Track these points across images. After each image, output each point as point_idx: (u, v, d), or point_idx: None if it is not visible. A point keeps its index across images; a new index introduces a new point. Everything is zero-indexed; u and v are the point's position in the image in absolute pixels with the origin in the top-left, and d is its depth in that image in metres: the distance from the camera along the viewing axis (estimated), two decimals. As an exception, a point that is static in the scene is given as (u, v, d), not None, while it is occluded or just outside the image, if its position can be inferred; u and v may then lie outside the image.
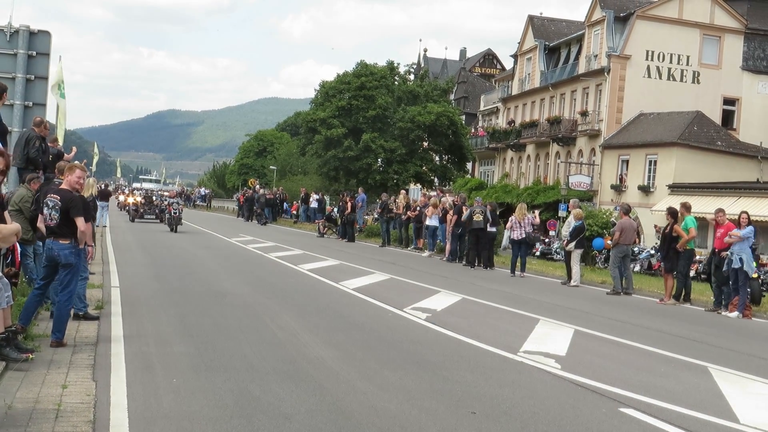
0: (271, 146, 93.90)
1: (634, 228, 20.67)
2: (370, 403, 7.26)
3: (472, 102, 71.65)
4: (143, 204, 43.36)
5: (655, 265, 26.93)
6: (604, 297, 18.70)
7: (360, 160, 46.99)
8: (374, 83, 48.07)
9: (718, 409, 7.84)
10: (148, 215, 41.53)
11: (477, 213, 24.32)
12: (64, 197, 9.11)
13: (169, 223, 33.11)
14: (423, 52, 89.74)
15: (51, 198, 9.09)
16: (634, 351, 11.09)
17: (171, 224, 32.74)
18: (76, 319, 10.35)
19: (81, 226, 9.10)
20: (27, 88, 13.60)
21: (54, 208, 9.02)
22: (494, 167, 60.62)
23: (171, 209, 33.19)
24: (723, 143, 40.42)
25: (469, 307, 14.76)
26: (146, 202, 43.66)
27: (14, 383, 7.21)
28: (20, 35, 13.47)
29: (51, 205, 9.05)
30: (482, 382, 8.36)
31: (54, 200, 9.05)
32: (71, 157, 15.37)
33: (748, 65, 45.86)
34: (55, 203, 9.03)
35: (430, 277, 19.79)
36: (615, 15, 45.23)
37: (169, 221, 33.03)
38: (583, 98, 47.95)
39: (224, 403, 6.99)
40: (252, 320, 11.68)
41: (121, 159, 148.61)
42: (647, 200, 40.02)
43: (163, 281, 16.19)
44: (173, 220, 32.71)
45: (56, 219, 9.01)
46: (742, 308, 16.13)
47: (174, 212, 32.83)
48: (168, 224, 33.18)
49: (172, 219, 32.84)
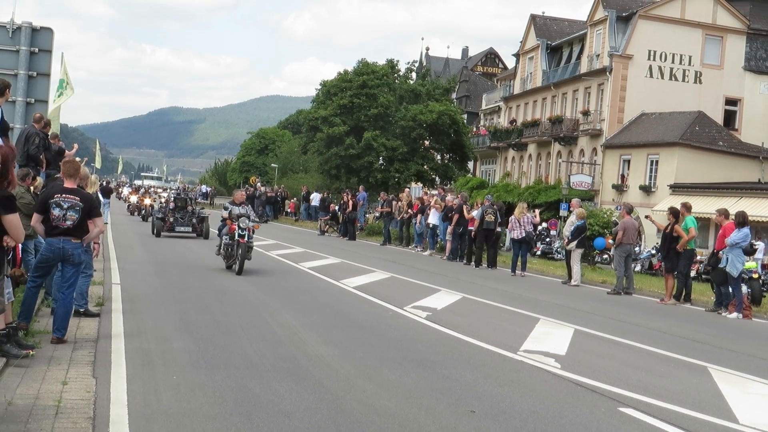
0: (272, 144, 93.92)
1: (636, 227, 20.68)
2: (369, 401, 7.27)
3: (473, 101, 71.64)
4: (173, 209, 29.46)
5: (656, 265, 26.93)
6: (604, 296, 18.71)
7: (361, 159, 47.00)
8: (376, 82, 48.08)
9: (718, 409, 7.84)
10: (181, 227, 28.75)
11: (489, 213, 24.23)
12: (85, 198, 9.12)
13: (229, 254, 17.85)
14: (425, 51, 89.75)
15: (67, 198, 8.97)
16: (634, 351, 11.10)
17: (233, 257, 17.64)
18: (77, 316, 10.34)
19: (101, 225, 9.33)
20: (29, 85, 13.61)
21: (72, 208, 8.95)
22: (496, 166, 60.60)
23: (235, 229, 17.49)
24: (724, 143, 40.38)
25: (469, 306, 14.77)
26: (178, 207, 29.62)
27: (15, 379, 7.22)
28: (23, 32, 13.48)
29: (67, 206, 8.94)
30: (482, 381, 8.37)
31: (72, 201, 8.97)
32: (72, 154, 15.40)
33: (750, 65, 45.82)
34: (74, 203, 8.97)
35: (431, 275, 19.80)
36: (617, 14, 45.21)
37: (230, 252, 17.81)
38: (584, 98, 47.92)
39: (224, 400, 7.00)
40: (252, 317, 11.69)
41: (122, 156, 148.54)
42: (648, 200, 39.98)
43: (164, 278, 16.20)
44: (241, 253, 17.29)
45: (75, 220, 8.97)
46: (740, 308, 16.12)
47: (243, 235, 17.41)
48: (226, 256, 18.02)
49: (236, 249, 17.48)
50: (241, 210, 18.13)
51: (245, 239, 17.35)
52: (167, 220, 28.87)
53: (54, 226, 8.96)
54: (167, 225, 28.76)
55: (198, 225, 28.92)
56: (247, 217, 17.92)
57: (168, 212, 29.43)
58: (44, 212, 9.01)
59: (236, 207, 18.25)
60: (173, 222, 28.83)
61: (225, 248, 17.96)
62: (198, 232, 28.81)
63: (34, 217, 9.14)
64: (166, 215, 29.19)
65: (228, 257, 17.93)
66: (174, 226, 28.74)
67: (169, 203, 30.92)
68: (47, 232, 9.05)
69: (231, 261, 17.80)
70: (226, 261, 17.96)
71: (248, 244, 17.47)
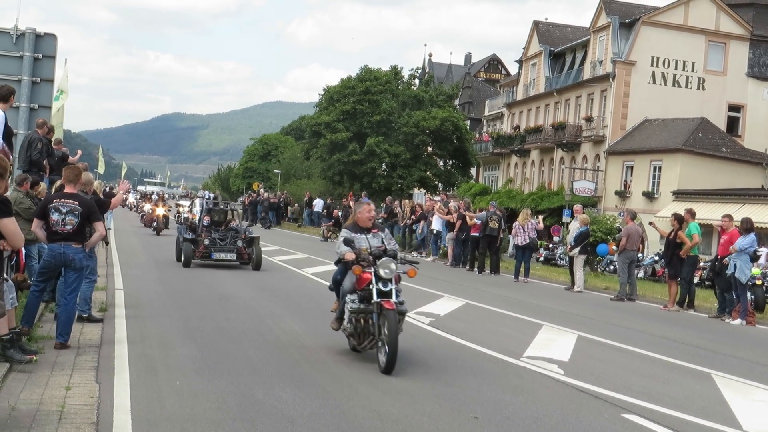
0: (275, 150, 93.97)
1: (639, 234, 20.68)
2: (373, 407, 7.26)
3: (476, 107, 71.62)
4: (208, 226, 21.24)
5: (659, 271, 26.90)
6: (607, 303, 18.68)
7: (364, 165, 47.02)
8: (379, 88, 48.13)
9: (721, 415, 7.83)
10: (221, 252, 20.20)
11: (493, 219, 24.23)
12: (84, 202, 9.08)
13: (364, 330, 9.32)
14: (428, 57, 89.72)
15: (65, 203, 8.95)
16: (638, 357, 11.08)
17: (370, 334, 9.23)
18: (80, 321, 10.36)
19: (101, 230, 9.27)
20: (33, 91, 13.62)
21: (71, 213, 8.92)
22: (498, 172, 60.57)
23: (370, 281, 9.27)
24: (728, 150, 40.35)
25: (472, 312, 14.76)
26: (214, 222, 21.93)
27: (18, 385, 7.22)
28: (26, 38, 13.51)
29: (65, 210, 8.91)
30: (485, 387, 8.36)
31: (71, 205, 8.94)
32: (76, 160, 15.44)
33: (754, 72, 45.79)
34: (73, 208, 8.94)
35: (434, 281, 19.77)
36: (620, 21, 45.19)
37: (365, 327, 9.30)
38: (587, 104, 47.90)
39: (227, 406, 6.99)
40: (255, 323, 11.69)
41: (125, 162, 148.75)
42: (651, 206, 39.94)
43: (167, 284, 16.21)
44: (389, 329, 8.71)
45: (74, 224, 8.94)
46: (744, 315, 16.10)
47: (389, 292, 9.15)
48: (358, 333, 9.41)
49: (378, 320, 8.98)
50: (374, 240, 9.89)
51: (393, 301, 9.05)
52: (200, 243, 20.09)
53: (54, 232, 8.94)
54: (200, 250, 19.99)
55: (245, 250, 20.37)
56: (393, 256, 9.58)
57: (201, 231, 20.75)
58: (44, 217, 9.00)
59: (362, 235, 9.90)
60: (209, 245, 20.11)
61: (353, 318, 9.30)
62: (245, 258, 20.29)
63: (35, 223, 9.14)
64: (199, 235, 20.45)
65: (362, 334, 9.37)
66: (210, 251, 20.02)
67: (202, 218, 21.57)
68: (49, 238, 9.03)
69: (368, 342, 9.34)
70: (357, 341, 9.50)
71: (399, 309, 9.06)
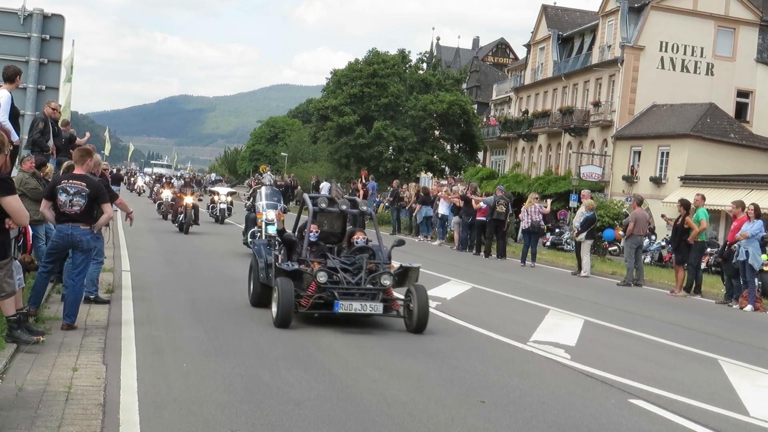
0: (282, 133, 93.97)
1: (646, 219, 20.63)
2: (379, 391, 7.27)
3: (484, 91, 71.41)
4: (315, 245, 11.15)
5: (666, 256, 26.85)
6: (614, 288, 18.66)
7: (371, 148, 46.91)
8: (386, 71, 47.98)
9: (728, 401, 7.82)
10: (351, 297, 10.05)
11: (501, 204, 24.16)
12: (92, 184, 9.06)
13: None
14: (436, 41, 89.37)
15: (73, 184, 8.93)
16: (644, 342, 11.07)
17: None
18: (87, 303, 10.37)
19: (109, 211, 9.25)
20: (40, 72, 13.59)
21: (79, 194, 8.91)
22: (505, 157, 60.46)
23: None
24: (736, 136, 40.18)
25: (479, 296, 14.76)
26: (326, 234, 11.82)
27: (25, 365, 7.24)
28: (34, 18, 13.47)
29: (73, 192, 8.90)
30: (491, 372, 8.36)
31: (78, 186, 8.92)
32: (84, 142, 15.44)
33: (763, 57, 45.52)
34: (80, 189, 8.92)
35: (440, 265, 19.76)
36: (629, 5, 44.94)
37: None
38: (595, 89, 47.73)
39: (234, 388, 7.00)
40: (262, 306, 11.68)
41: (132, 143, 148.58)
42: (659, 192, 39.85)
43: (174, 266, 16.23)
44: None
45: (81, 205, 8.93)
46: (753, 301, 16.06)
47: None
48: None
49: None
50: None
51: None
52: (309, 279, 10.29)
53: (62, 213, 8.95)
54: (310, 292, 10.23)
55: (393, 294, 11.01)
56: None
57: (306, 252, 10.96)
58: (52, 198, 9.01)
59: None
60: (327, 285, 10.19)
61: None
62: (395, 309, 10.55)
63: (43, 203, 9.17)
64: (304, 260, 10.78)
65: None
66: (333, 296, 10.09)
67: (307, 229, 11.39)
68: (57, 220, 9.05)
69: None
70: None
71: None
